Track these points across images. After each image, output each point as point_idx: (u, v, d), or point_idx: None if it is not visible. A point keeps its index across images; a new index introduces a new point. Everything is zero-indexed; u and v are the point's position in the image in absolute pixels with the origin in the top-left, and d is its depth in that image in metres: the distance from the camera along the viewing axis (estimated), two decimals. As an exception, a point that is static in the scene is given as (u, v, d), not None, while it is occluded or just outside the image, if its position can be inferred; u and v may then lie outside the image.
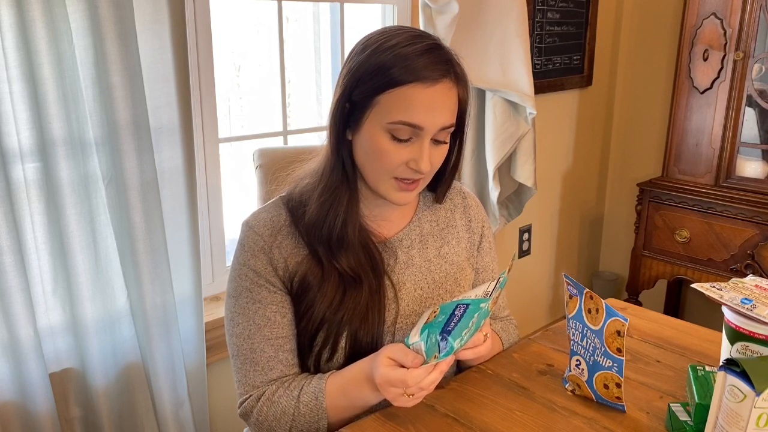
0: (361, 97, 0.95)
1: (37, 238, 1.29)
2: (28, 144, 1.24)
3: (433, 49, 0.94)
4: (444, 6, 1.85)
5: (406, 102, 0.92)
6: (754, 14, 2.12)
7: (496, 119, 2.04)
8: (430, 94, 0.92)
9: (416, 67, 0.92)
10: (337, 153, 0.99)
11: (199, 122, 1.61)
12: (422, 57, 0.92)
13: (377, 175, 0.98)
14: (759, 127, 2.26)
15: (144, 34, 1.32)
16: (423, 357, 0.87)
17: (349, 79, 0.96)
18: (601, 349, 0.93)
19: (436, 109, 0.93)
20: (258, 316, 1.00)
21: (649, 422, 0.94)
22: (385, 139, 0.94)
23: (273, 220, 1.03)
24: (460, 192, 1.18)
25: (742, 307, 0.85)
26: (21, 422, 1.30)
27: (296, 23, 2.00)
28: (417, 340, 0.88)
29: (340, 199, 0.99)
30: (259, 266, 1.00)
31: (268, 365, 1.00)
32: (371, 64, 0.94)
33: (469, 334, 0.90)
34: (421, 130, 0.93)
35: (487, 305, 0.89)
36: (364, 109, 0.95)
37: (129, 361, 1.45)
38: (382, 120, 0.93)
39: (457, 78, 0.97)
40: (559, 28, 2.47)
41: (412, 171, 0.96)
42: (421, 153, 0.94)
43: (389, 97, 0.92)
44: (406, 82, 0.91)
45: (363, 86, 0.94)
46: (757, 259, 2.20)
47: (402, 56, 0.92)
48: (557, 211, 2.81)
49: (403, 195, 0.99)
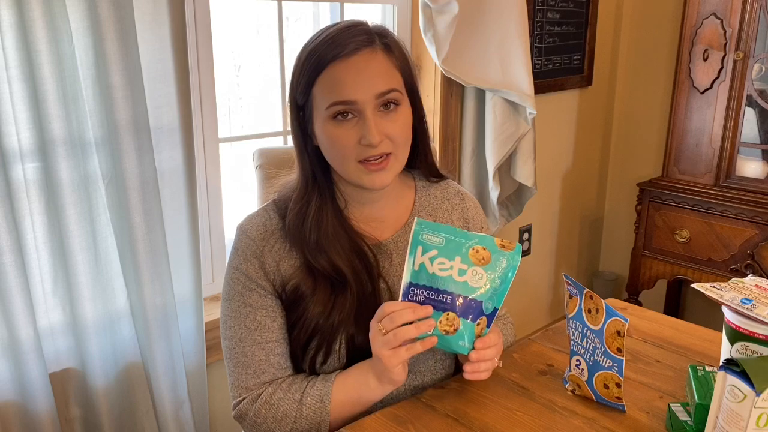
0: (303, 99, 0.98)
1: (37, 238, 1.29)
2: (28, 144, 1.24)
3: (350, 26, 0.97)
4: (444, 6, 1.85)
5: (331, 83, 0.94)
6: (754, 14, 2.12)
7: (496, 119, 2.05)
8: (349, 65, 0.94)
9: (333, 45, 0.94)
10: (303, 163, 1.02)
11: (199, 122, 1.61)
12: (338, 35, 0.95)
13: (342, 164, 0.98)
14: (759, 127, 2.26)
15: (144, 34, 1.33)
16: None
17: (291, 87, 1.00)
18: (601, 349, 0.93)
19: (361, 79, 0.94)
20: (249, 320, 1.01)
21: (649, 422, 0.94)
22: (332, 126, 0.95)
23: (265, 224, 1.03)
24: (458, 193, 1.17)
25: (742, 307, 0.85)
26: (21, 422, 1.30)
27: (296, 23, 2.00)
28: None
29: (310, 205, 1.01)
30: (251, 270, 1.01)
31: (259, 368, 1.00)
32: (300, 62, 0.98)
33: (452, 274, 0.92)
34: (355, 103, 0.94)
35: (469, 243, 0.92)
36: (309, 109, 0.98)
37: (129, 361, 1.45)
38: (322, 110, 0.95)
39: (384, 46, 0.97)
40: (559, 28, 2.47)
41: (366, 147, 0.95)
42: (367, 125, 0.94)
43: (319, 86, 0.95)
44: (327, 62, 0.94)
45: (299, 86, 0.97)
46: (757, 259, 2.20)
47: (321, 41, 0.95)
48: (557, 211, 2.81)
49: (374, 177, 0.97)
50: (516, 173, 2.14)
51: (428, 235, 0.92)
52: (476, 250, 0.91)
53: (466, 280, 0.90)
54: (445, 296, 0.90)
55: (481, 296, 0.91)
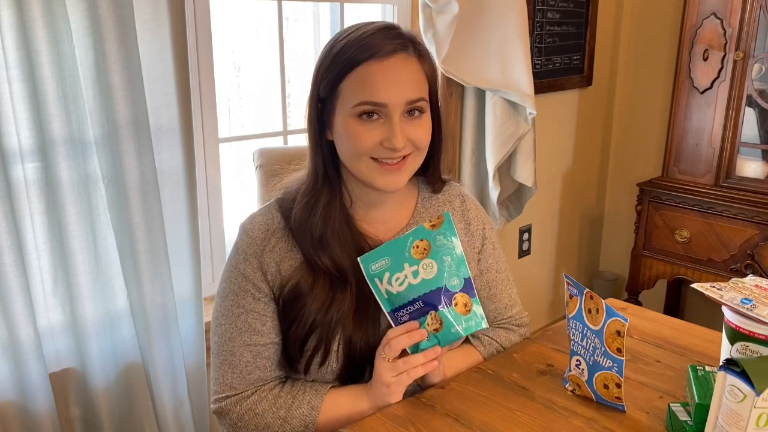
0: (327, 92, 0.97)
1: (37, 238, 1.29)
2: (28, 144, 1.24)
3: (386, 28, 0.97)
4: (444, 6, 1.85)
5: (363, 81, 0.94)
6: (754, 14, 2.12)
7: (496, 119, 2.05)
8: (385, 67, 0.94)
9: (368, 45, 0.94)
10: (316, 156, 1.01)
11: (199, 122, 1.61)
12: (374, 35, 0.95)
13: (356, 160, 0.98)
14: (759, 127, 2.26)
15: (144, 34, 1.33)
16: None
17: (314, 78, 0.99)
18: (601, 349, 0.93)
19: (394, 83, 0.94)
20: (240, 320, 1.01)
21: (649, 422, 0.94)
22: (356, 123, 0.95)
23: (267, 224, 1.03)
24: (459, 195, 1.17)
25: (742, 307, 0.85)
26: (21, 422, 1.30)
27: (296, 23, 2.00)
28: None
29: (319, 200, 1.01)
30: (249, 271, 1.01)
31: (246, 369, 1.01)
32: (329, 56, 0.97)
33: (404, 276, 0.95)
34: (385, 107, 0.94)
35: (409, 242, 0.96)
36: (332, 103, 0.97)
37: (129, 361, 1.45)
38: (347, 106, 0.95)
39: (418, 53, 0.98)
40: (559, 28, 2.47)
41: (388, 150, 0.96)
42: (393, 129, 0.94)
43: (348, 82, 0.94)
44: (360, 61, 0.93)
45: (325, 80, 0.97)
46: (757, 259, 2.20)
47: (355, 39, 0.95)
48: (557, 211, 2.81)
49: (388, 178, 0.98)
50: (516, 173, 2.14)
51: (375, 266, 0.96)
52: (416, 246, 0.96)
53: (422, 277, 0.95)
54: (418, 303, 0.95)
55: (442, 281, 0.95)
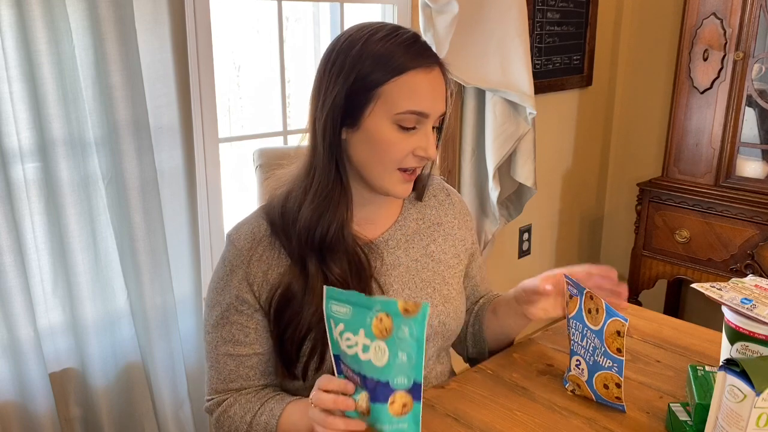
0: (360, 92, 0.92)
1: (37, 238, 1.29)
2: (28, 144, 1.24)
3: (419, 38, 0.96)
4: (444, 6, 1.85)
5: (410, 89, 0.92)
6: (754, 14, 2.12)
7: (496, 119, 2.04)
8: (430, 79, 0.94)
9: (415, 54, 0.93)
10: (330, 154, 0.96)
11: (199, 122, 1.61)
12: (414, 45, 0.94)
13: (383, 168, 0.96)
14: (759, 127, 2.26)
15: (144, 34, 1.33)
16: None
17: (343, 76, 0.93)
18: (601, 349, 0.93)
19: (437, 96, 0.95)
20: (225, 331, 1.02)
21: (649, 422, 0.94)
22: (392, 131, 0.93)
23: (254, 232, 1.01)
24: (443, 189, 1.17)
25: (742, 307, 0.85)
26: (21, 422, 1.30)
27: (296, 23, 2.00)
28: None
29: (335, 203, 0.97)
30: (234, 283, 1.00)
31: (229, 377, 1.03)
32: (367, 56, 0.92)
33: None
34: (427, 117, 0.94)
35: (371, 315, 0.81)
36: (364, 104, 0.93)
37: (129, 361, 1.45)
38: (389, 111, 0.92)
39: (444, 70, 0.98)
40: (559, 28, 2.47)
41: (418, 159, 0.96)
42: (427, 139, 0.95)
43: (393, 86, 0.91)
44: (410, 67, 0.92)
45: (362, 80, 0.92)
46: (757, 259, 2.20)
47: (398, 44, 0.93)
48: (557, 211, 2.81)
49: (406, 186, 0.99)
50: (516, 173, 2.14)
51: (336, 306, 0.84)
52: (380, 319, 0.81)
53: (370, 358, 0.81)
54: (356, 376, 0.83)
55: (386, 376, 0.81)
